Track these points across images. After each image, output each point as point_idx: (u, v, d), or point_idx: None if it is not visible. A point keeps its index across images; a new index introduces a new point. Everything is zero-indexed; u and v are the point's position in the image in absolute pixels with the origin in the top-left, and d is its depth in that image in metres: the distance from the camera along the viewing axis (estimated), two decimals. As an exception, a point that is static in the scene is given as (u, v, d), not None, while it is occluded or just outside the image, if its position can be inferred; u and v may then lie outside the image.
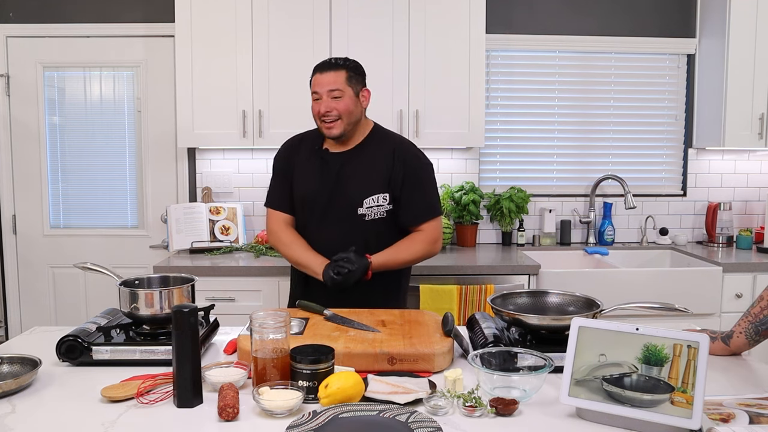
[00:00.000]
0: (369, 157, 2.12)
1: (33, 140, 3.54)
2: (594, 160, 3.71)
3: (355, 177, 2.10)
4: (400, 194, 2.10)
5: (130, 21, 3.48)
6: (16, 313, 3.61)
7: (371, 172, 2.10)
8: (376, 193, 2.09)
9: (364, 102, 2.12)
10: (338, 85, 2.05)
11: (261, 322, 1.43)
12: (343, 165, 2.12)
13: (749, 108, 3.33)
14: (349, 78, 2.07)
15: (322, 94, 2.06)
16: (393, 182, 2.10)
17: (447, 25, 3.18)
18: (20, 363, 1.52)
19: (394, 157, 2.12)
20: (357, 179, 2.10)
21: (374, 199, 2.08)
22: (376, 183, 2.09)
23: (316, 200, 2.13)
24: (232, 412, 1.28)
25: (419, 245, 2.13)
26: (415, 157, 2.15)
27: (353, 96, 2.07)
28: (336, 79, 2.05)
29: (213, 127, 3.18)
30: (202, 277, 2.85)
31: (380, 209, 2.09)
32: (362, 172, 2.10)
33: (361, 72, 2.13)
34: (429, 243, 2.14)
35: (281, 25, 3.14)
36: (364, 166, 2.11)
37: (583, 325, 1.34)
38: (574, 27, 3.60)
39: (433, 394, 1.36)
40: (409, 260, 2.14)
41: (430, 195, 2.17)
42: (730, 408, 1.28)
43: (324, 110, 2.06)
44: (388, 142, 2.16)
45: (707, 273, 3.07)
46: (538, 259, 3.17)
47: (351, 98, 2.06)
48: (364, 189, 2.09)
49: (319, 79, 2.07)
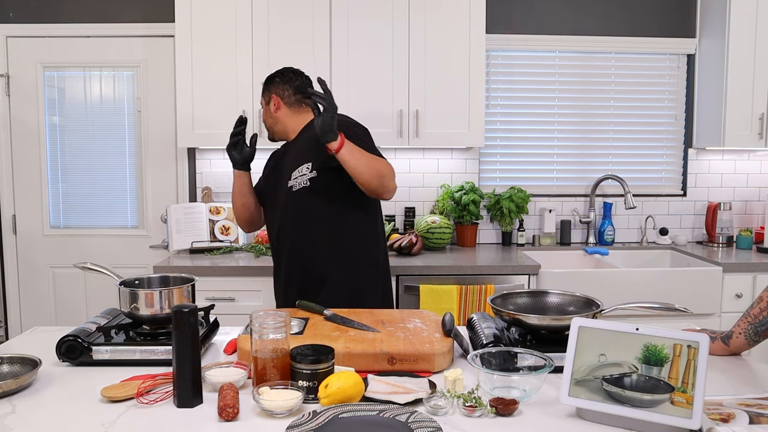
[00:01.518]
0: (301, 140, 2.25)
1: (33, 140, 3.54)
2: (594, 160, 3.71)
3: (288, 159, 2.25)
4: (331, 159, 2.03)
5: (130, 21, 3.48)
6: (16, 313, 3.61)
7: (299, 151, 2.21)
8: (300, 165, 2.16)
9: (274, 107, 2.29)
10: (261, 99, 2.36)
11: (261, 322, 1.43)
12: (285, 153, 2.31)
13: (749, 108, 3.33)
14: (263, 92, 2.34)
15: None
16: (319, 151, 2.06)
17: (447, 25, 3.18)
18: (20, 363, 1.52)
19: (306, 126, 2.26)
20: (289, 159, 2.24)
21: (299, 170, 2.16)
22: (299, 156, 2.19)
23: (269, 189, 2.32)
24: (232, 412, 1.28)
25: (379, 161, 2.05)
26: (342, 122, 2.11)
27: (265, 106, 2.32)
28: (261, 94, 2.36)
29: (213, 127, 3.18)
30: (202, 277, 2.85)
31: (303, 178, 2.14)
32: (294, 154, 2.23)
33: (272, 81, 2.31)
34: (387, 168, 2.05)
35: (281, 25, 3.14)
36: (296, 149, 2.24)
37: (583, 325, 1.34)
38: (574, 27, 3.60)
39: (433, 394, 1.36)
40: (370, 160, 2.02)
41: (370, 148, 2.12)
42: (730, 408, 1.28)
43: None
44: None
45: (707, 273, 3.07)
46: (538, 259, 3.17)
47: (264, 109, 2.34)
48: (290, 164, 2.21)
49: None
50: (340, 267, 2.16)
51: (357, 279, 2.18)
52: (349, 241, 2.17)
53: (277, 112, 2.29)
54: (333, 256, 2.15)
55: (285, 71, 2.33)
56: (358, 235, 2.19)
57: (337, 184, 2.12)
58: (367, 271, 2.21)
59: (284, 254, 2.23)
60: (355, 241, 2.18)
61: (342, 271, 2.16)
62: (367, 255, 2.21)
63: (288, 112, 2.29)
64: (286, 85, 2.29)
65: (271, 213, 2.30)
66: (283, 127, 2.30)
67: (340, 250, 2.16)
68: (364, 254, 2.20)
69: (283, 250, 2.23)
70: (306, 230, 2.16)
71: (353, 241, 2.18)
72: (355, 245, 2.18)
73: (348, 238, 2.17)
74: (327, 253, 2.15)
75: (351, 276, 2.17)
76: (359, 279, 2.19)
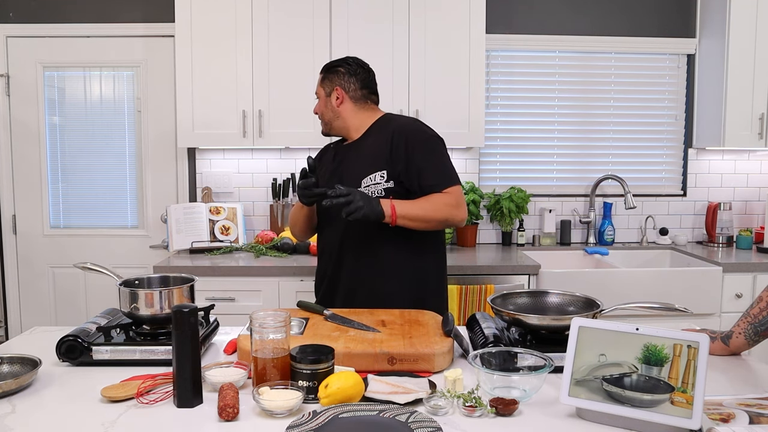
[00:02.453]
0: (369, 142, 2.11)
1: (33, 140, 3.54)
2: (594, 160, 3.71)
3: (355, 163, 2.10)
4: (408, 171, 2.02)
5: (130, 21, 3.48)
6: (16, 313, 3.61)
7: (369, 155, 2.07)
8: (373, 172, 2.03)
9: (337, 101, 2.14)
10: (317, 88, 2.21)
11: (261, 322, 1.43)
12: (347, 153, 2.15)
13: (749, 108, 3.33)
14: (323, 80, 2.19)
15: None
16: (394, 157, 2.02)
17: (447, 25, 3.18)
18: (20, 363, 1.52)
19: (394, 134, 2.07)
20: (357, 165, 2.09)
21: (371, 178, 2.03)
22: (373, 162, 2.05)
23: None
24: (232, 412, 1.28)
25: (437, 199, 1.99)
26: (419, 131, 2.09)
27: (325, 97, 2.17)
28: (317, 82, 2.21)
29: (213, 127, 3.18)
30: (202, 277, 2.85)
31: (377, 187, 2.01)
32: (361, 157, 2.09)
33: (335, 71, 2.16)
34: (450, 205, 2.00)
35: (281, 25, 3.14)
36: (363, 151, 2.10)
37: (583, 325, 1.34)
38: (574, 27, 3.60)
39: (433, 394, 1.36)
40: (427, 210, 1.98)
41: (441, 165, 2.06)
42: (730, 408, 1.28)
43: (314, 111, 2.23)
44: (390, 125, 2.12)
45: (707, 273, 3.07)
46: (538, 259, 3.17)
47: (323, 100, 2.18)
48: (361, 170, 2.06)
49: None
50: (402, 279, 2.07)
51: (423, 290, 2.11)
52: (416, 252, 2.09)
53: (340, 106, 2.14)
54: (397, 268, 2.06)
55: (350, 61, 2.18)
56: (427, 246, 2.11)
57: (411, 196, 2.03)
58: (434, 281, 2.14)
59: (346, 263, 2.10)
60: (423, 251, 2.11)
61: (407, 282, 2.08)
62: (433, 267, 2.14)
63: (352, 107, 2.15)
64: (352, 78, 2.15)
65: (326, 217, 2.15)
66: (344, 123, 2.15)
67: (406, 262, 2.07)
68: (431, 266, 2.13)
69: (345, 257, 2.10)
70: (373, 241, 2.04)
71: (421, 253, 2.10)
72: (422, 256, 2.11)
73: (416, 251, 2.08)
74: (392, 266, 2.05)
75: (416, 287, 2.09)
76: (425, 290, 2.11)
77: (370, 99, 2.18)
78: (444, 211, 2.00)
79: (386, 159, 2.03)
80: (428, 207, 1.99)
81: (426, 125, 2.15)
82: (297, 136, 3.19)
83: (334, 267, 2.12)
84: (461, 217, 2.05)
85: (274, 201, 3.49)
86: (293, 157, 3.53)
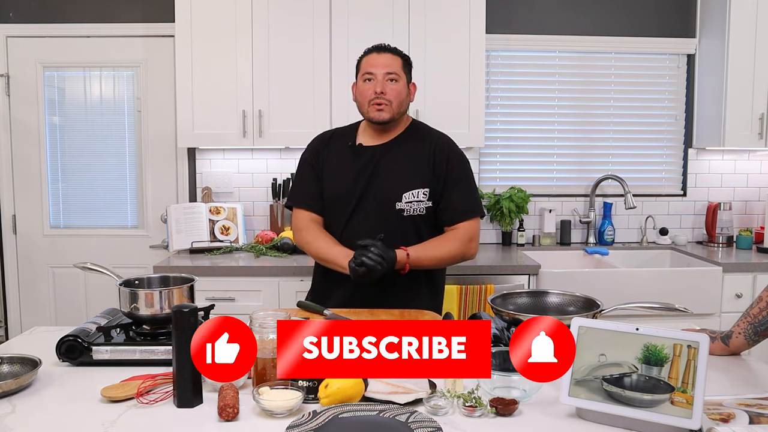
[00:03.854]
0: (408, 150, 2.03)
1: (33, 140, 3.54)
2: (594, 160, 3.71)
3: (393, 170, 2.01)
4: (442, 193, 2.02)
5: (130, 21, 3.48)
6: (16, 313, 3.61)
7: (411, 166, 2.01)
8: (417, 188, 1.98)
9: (412, 95, 2.08)
10: (395, 69, 2.00)
11: (261, 322, 1.43)
12: (380, 158, 2.03)
13: (749, 108, 3.33)
14: (405, 66, 2.04)
15: (377, 75, 1.98)
16: (436, 178, 2.01)
17: (447, 24, 3.18)
18: (20, 363, 1.52)
19: (436, 151, 2.02)
20: (395, 172, 2.00)
21: (414, 194, 1.98)
22: (416, 177, 1.99)
23: (351, 197, 2.02)
24: (232, 412, 1.28)
25: (452, 243, 2.01)
26: (458, 154, 2.07)
27: (405, 84, 2.03)
28: (393, 63, 2.00)
29: (213, 127, 3.18)
30: (202, 277, 2.84)
31: (420, 205, 1.98)
32: (401, 166, 2.01)
33: (411, 65, 2.09)
34: (462, 241, 2.02)
35: (281, 25, 3.14)
36: (402, 159, 2.02)
37: (583, 325, 1.34)
38: (574, 27, 3.60)
39: (433, 394, 1.36)
40: (441, 257, 2.01)
41: (471, 193, 2.08)
42: (730, 408, 1.28)
43: (380, 90, 1.97)
44: (427, 136, 2.08)
45: (707, 273, 3.07)
46: (538, 259, 3.17)
47: (404, 86, 2.02)
48: (403, 182, 1.99)
49: (376, 59, 2.00)
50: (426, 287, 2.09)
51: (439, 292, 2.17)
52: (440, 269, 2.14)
53: (411, 99, 2.09)
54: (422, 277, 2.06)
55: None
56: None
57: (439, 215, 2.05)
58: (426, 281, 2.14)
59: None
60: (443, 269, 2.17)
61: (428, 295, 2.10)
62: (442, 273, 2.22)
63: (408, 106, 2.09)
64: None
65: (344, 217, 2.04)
66: (401, 118, 2.07)
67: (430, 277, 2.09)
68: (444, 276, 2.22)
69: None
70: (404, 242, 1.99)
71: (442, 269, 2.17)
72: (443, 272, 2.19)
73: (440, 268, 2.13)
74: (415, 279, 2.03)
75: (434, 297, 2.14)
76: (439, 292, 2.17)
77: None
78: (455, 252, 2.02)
79: (429, 175, 2.00)
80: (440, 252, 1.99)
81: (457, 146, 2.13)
82: (297, 136, 3.18)
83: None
84: (473, 252, 2.05)
85: (274, 201, 3.49)
86: (293, 157, 3.53)
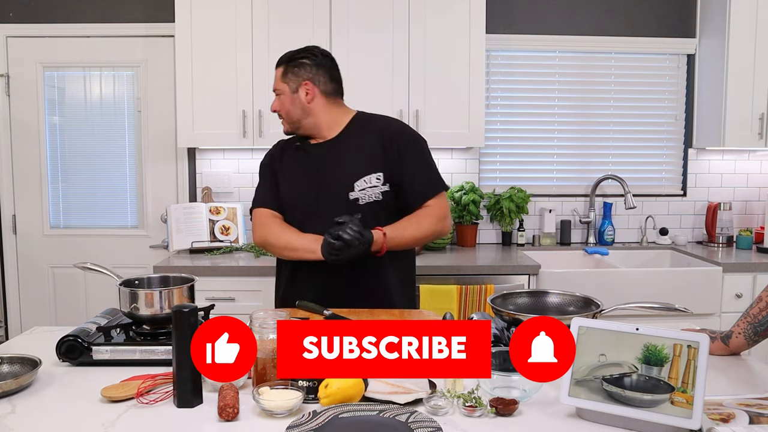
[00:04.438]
0: (355, 141, 1.99)
1: (33, 140, 3.54)
2: (594, 160, 3.71)
3: (342, 162, 1.97)
4: (401, 176, 1.96)
5: (130, 21, 3.48)
6: (16, 313, 3.61)
7: (359, 155, 1.96)
8: (368, 174, 1.93)
9: (307, 97, 1.97)
10: (277, 84, 2.02)
11: (261, 322, 1.43)
12: (327, 154, 2.00)
13: (749, 108, 3.33)
14: (285, 74, 1.99)
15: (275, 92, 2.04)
16: (388, 159, 1.95)
17: (447, 24, 3.18)
18: (20, 363, 1.52)
19: (384, 135, 1.97)
20: (344, 164, 1.96)
21: (366, 180, 1.92)
22: (366, 164, 1.94)
23: (305, 196, 2.00)
24: (232, 412, 1.28)
25: (427, 220, 1.96)
26: (407, 135, 2.02)
27: (289, 93, 1.99)
28: (277, 76, 2.02)
29: (213, 127, 3.18)
30: (202, 277, 2.84)
31: (375, 190, 1.92)
32: (350, 155, 1.97)
33: (300, 63, 1.98)
34: (438, 218, 1.96)
35: (281, 24, 3.14)
36: (350, 150, 1.98)
37: (583, 325, 1.34)
38: (574, 27, 3.60)
39: (433, 394, 1.36)
40: (418, 236, 1.95)
41: (431, 170, 2.01)
42: (730, 408, 1.28)
43: (273, 109, 2.05)
44: (374, 124, 2.04)
45: (707, 273, 3.07)
46: (538, 259, 3.17)
47: (287, 96, 1.99)
48: (353, 172, 1.94)
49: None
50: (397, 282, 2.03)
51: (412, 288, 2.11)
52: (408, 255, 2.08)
53: (311, 102, 1.97)
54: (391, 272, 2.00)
55: (315, 52, 2.00)
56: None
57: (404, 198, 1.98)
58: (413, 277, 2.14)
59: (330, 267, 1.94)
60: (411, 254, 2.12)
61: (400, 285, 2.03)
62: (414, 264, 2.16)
63: (325, 103, 1.99)
64: (320, 70, 1.98)
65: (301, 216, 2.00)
66: (316, 120, 1.99)
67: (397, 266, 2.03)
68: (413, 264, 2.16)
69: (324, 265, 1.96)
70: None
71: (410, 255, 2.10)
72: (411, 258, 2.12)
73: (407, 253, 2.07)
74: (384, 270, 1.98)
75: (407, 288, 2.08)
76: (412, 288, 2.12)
77: (339, 93, 2.04)
78: (432, 229, 1.97)
79: (381, 160, 1.94)
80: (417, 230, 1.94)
81: (409, 126, 2.09)
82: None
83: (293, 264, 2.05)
84: (447, 229, 2.02)
85: (274, 201, 3.48)
86: (293, 157, 3.52)
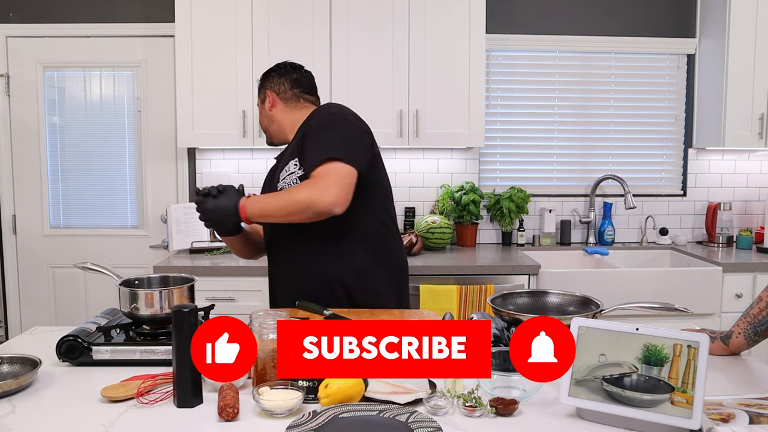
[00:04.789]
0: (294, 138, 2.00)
1: (33, 140, 3.54)
2: (594, 160, 3.71)
3: (282, 161, 2.00)
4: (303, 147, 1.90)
5: (130, 21, 3.48)
6: (16, 313, 3.61)
7: (289, 149, 1.98)
8: (288, 162, 1.92)
9: (269, 105, 2.06)
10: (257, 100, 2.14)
11: (261, 322, 1.43)
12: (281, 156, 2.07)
13: (749, 108, 3.33)
14: (258, 91, 2.12)
15: None
16: (303, 141, 1.88)
17: (447, 24, 3.18)
18: (20, 363, 1.52)
19: (306, 122, 1.95)
20: (281, 162, 1.99)
21: (286, 169, 1.91)
22: (291, 153, 1.93)
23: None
24: (232, 412, 1.28)
25: (300, 188, 1.78)
26: (317, 114, 1.94)
27: (261, 104, 2.10)
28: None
29: (213, 127, 3.18)
30: (202, 277, 2.85)
31: (292, 177, 1.87)
32: (285, 154, 2.01)
33: (266, 76, 2.09)
34: (311, 188, 1.74)
35: (281, 24, 3.14)
36: (288, 147, 2.02)
37: (583, 325, 1.34)
38: (574, 27, 3.60)
39: (433, 394, 1.36)
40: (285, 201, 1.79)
41: (330, 139, 1.83)
42: (730, 408, 1.28)
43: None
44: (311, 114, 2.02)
45: (707, 273, 3.07)
46: (538, 259, 3.17)
47: (259, 108, 2.12)
48: (282, 165, 1.97)
49: None
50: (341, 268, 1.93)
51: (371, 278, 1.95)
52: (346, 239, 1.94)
53: (272, 109, 2.05)
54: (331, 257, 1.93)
55: (281, 64, 2.09)
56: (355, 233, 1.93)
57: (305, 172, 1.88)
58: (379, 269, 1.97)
59: (278, 260, 2.01)
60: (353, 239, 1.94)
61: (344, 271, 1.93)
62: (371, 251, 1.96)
63: (284, 108, 2.04)
64: (282, 78, 2.05)
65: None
66: (279, 126, 2.05)
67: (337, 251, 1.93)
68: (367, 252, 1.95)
69: (276, 255, 2.01)
70: (298, 233, 1.89)
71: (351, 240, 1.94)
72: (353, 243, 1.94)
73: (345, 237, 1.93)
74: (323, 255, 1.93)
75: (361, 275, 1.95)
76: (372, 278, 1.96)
77: (302, 98, 2.04)
78: (302, 197, 1.74)
79: (297, 146, 1.91)
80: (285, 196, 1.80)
81: (343, 107, 1.95)
82: (297, 136, 3.19)
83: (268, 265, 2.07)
84: (329, 199, 1.72)
85: (274, 201, 3.48)
86: (293, 157, 3.53)
